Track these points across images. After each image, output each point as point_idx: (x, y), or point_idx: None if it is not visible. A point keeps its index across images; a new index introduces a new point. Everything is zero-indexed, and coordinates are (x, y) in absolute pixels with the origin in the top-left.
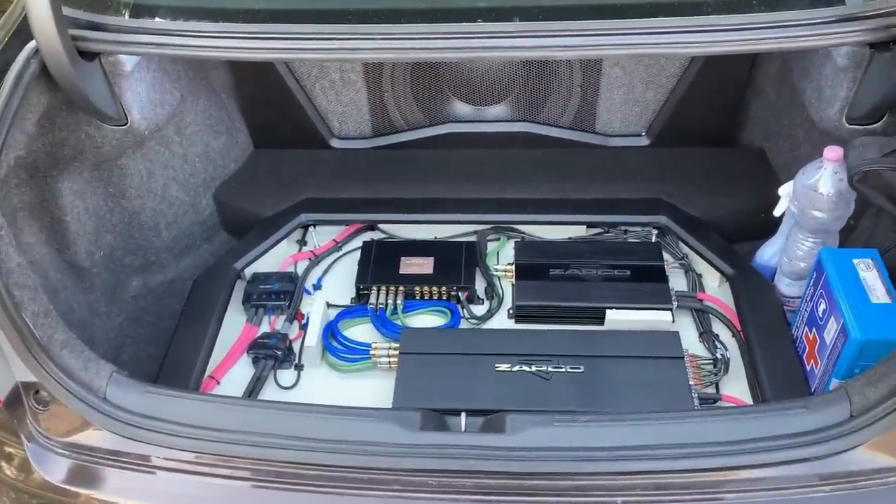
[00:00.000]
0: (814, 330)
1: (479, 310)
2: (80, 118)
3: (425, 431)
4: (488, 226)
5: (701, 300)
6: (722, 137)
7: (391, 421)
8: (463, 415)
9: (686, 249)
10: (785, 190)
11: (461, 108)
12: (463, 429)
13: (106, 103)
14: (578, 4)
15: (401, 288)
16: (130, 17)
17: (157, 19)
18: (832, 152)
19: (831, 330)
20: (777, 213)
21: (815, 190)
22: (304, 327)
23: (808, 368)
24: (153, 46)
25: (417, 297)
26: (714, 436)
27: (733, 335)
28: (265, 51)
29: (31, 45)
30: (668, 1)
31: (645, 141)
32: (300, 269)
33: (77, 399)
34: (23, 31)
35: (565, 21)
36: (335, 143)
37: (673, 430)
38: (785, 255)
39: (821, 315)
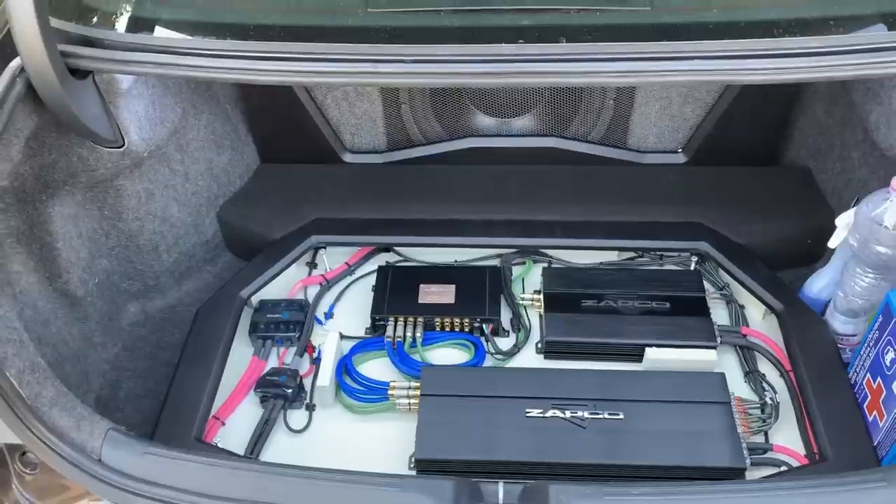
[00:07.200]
0: (878, 378)
1: (504, 343)
2: (72, 139)
3: None
4: (513, 250)
5: (745, 336)
6: (764, 156)
7: (419, 491)
8: (501, 484)
9: (727, 278)
10: (843, 220)
11: (483, 120)
12: (501, 502)
13: (100, 124)
14: (634, 24)
15: (420, 319)
16: (127, 31)
17: (156, 34)
18: None
19: None
20: (833, 244)
21: (880, 223)
22: (315, 362)
23: (871, 419)
24: (153, 66)
25: (438, 329)
26: None
27: (781, 375)
28: (279, 73)
29: (16, 62)
30: (734, 20)
31: (682, 158)
32: (310, 296)
33: (68, 462)
34: (6, 47)
35: (618, 43)
36: (348, 157)
37: None
38: (840, 290)
39: (888, 364)
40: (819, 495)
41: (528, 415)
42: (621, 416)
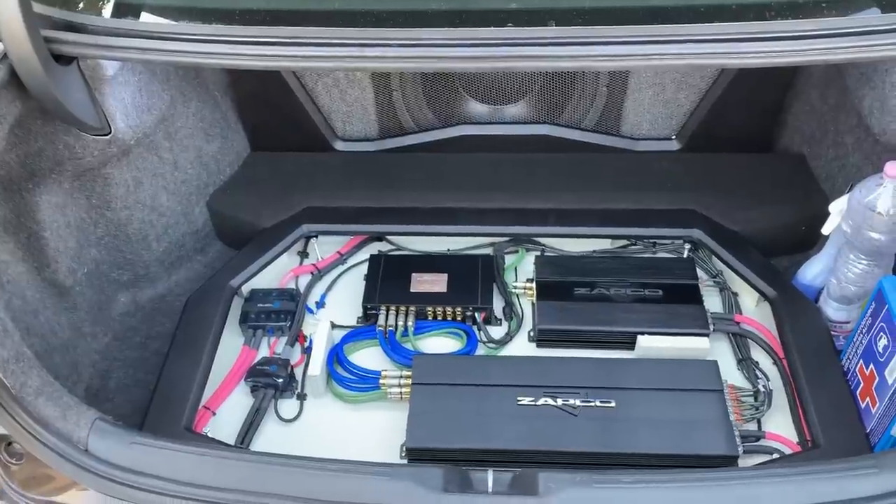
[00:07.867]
0: (871, 365)
1: (496, 331)
2: (58, 126)
3: (448, 493)
4: (505, 238)
5: (738, 323)
6: (758, 142)
7: (409, 479)
8: (490, 472)
9: (721, 266)
10: (837, 206)
11: (476, 107)
12: (490, 489)
13: (86, 111)
14: (625, 7)
15: (412, 308)
16: (112, 16)
17: (142, 19)
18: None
19: (895, 369)
20: (826, 230)
21: (873, 209)
22: (306, 351)
23: (864, 406)
24: (138, 51)
25: (430, 318)
26: (772, 501)
27: (774, 362)
28: (267, 58)
29: None
30: (727, 3)
31: (675, 145)
32: (302, 285)
33: (54, 452)
34: None
35: (609, 27)
36: (339, 145)
37: (726, 495)
38: (833, 277)
39: (881, 351)
40: (811, 482)
41: (519, 403)
42: (613, 405)
